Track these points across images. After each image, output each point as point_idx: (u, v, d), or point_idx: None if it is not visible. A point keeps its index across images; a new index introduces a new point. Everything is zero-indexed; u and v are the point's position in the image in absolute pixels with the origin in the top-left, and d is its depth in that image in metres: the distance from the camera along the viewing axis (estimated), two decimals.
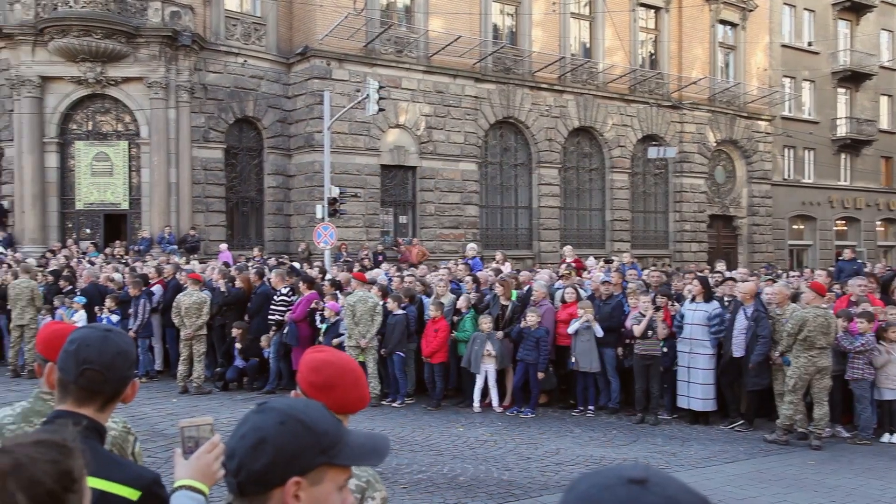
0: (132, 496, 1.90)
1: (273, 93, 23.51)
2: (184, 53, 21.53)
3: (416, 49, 24.51)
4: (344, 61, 23.22)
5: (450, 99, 24.98)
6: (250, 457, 1.43)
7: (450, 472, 7.80)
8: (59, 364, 2.02)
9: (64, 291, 13.84)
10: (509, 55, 26.47)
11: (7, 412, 2.69)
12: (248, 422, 1.48)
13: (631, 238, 29.36)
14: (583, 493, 1.03)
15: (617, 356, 11.04)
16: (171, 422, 9.71)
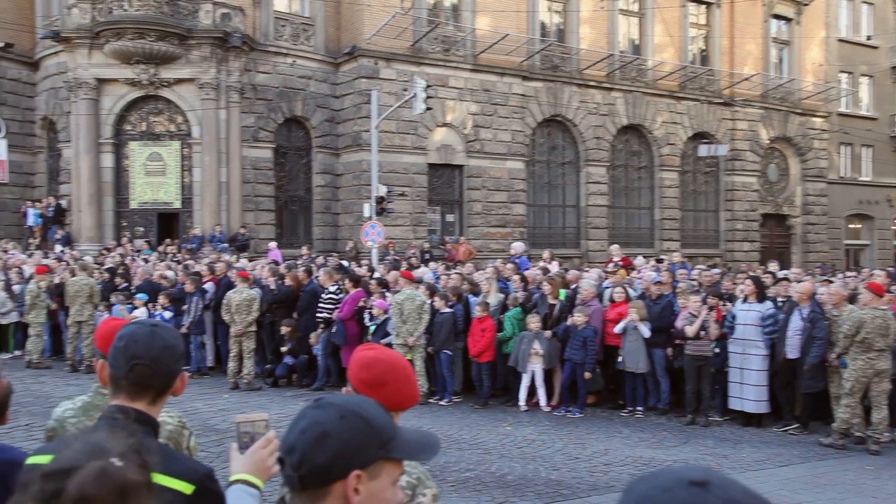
0: (186, 490, 1.92)
1: (321, 92, 23.72)
2: (234, 54, 21.85)
3: (463, 47, 24.50)
4: (391, 60, 23.32)
5: (497, 97, 24.92)
6: (312, 451, 1.44)
7: (497, 471, 7.77)
8: (109, 360, 2.06)
9: (119, 288, 14.14)
10: (557, 53, 26.29)
11: (68, 406, 2.75)
12: (308, 417, 1.49)
13: (680, 237, 28.96)
14: (642, 495, 1.00)
15: (666, 356, 10.89)
16: (223, 417, 9.86)
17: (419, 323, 11.23)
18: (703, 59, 29.85)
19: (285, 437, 1.50)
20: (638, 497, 1.01)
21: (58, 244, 20.75)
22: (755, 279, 10.91)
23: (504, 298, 11.95)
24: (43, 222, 22.36)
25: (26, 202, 23.12)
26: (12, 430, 8.38)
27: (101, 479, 1.26)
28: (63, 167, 22.67)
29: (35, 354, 13.67)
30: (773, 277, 12.33)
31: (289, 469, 1.47)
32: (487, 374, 11.41)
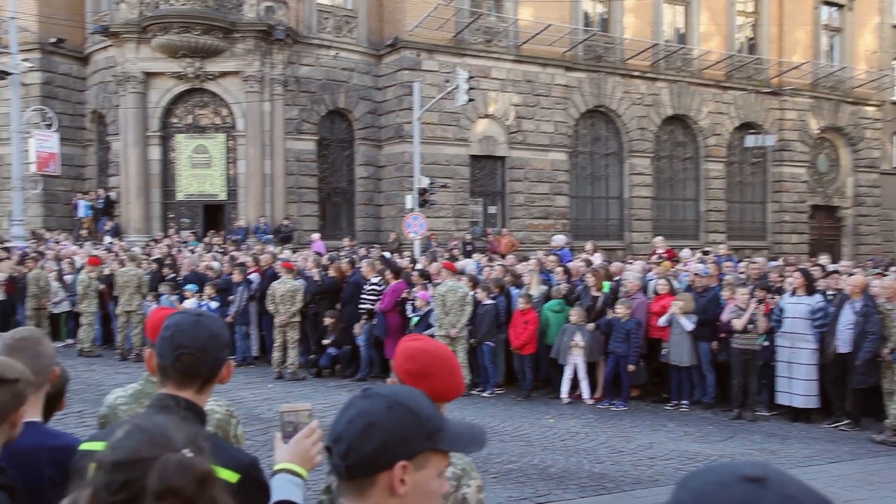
0: (232, 479, 1.93)
1: (364, 84, 23.80)
2: (278, 47, 22.02)
3: (505, 38, 24.38)
4: (433, 52, 23.30)
5: (539, 88, 24.76)
6: (359, 441, 1.45)
7: (540, 463, 7.74)
8: (156, 350, 2.09)
9: (167, 279, 14.38)
10: (600, 43, 26.02)
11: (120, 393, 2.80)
12: (355, 407, 1.49)
13: (726, 229, 28.50)
14: (697, 490, 0.97)
15: (711, 350, 10.73)
16: (268, 406, 9.98)
17: (461, 314, 11.22)
18: (750, 47, 29.27)
19: (332, 427, 1.50)
20: (692, 492, 0.98)
21: (107, 235, 21.17)
22: (804, 272, 10.70)
23: (547, 290, 11.89)
24: (93, 214, 22.84)
25: (77, 194, 23.63)
26: (65, 416, 8.57)
27: (183, 471, 1.28)
28: (112, 160, 23.11)
29: (86, 343, 13.98)
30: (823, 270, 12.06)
31: (336, 458, 1.47)
32: (530, 366, 11.37)
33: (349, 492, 1.49)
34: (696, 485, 0.98)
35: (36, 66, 22.76)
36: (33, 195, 21.86)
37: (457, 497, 2.11)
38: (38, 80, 23.20)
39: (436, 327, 11.33)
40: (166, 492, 1.26)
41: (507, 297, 11.90)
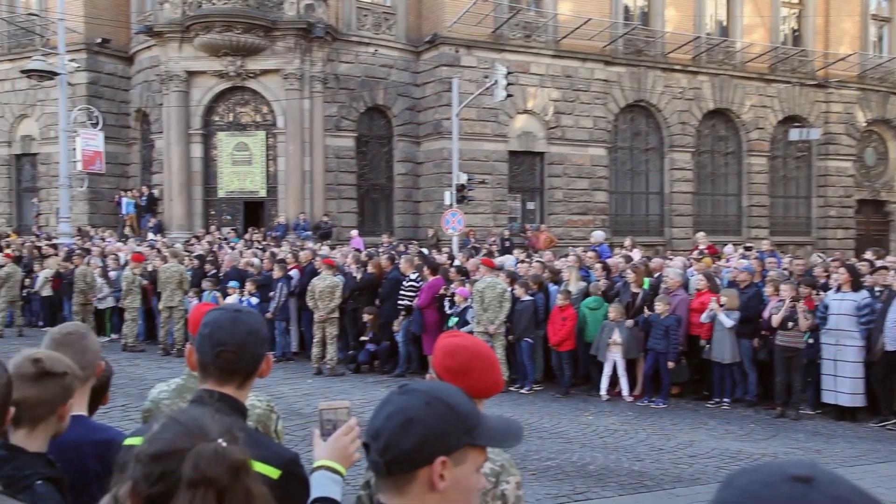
0: (273, 474, 1.95)
1: (402, 81, 23.86)
2: (317, 45, 22.18)
3: (544, 33, 24.26)
4: (472, 48, 23.28)
5: (579, 83, 24.61)
6: (398, 437, 1.45)
7: (579, 461, 7.70)
8: (196, 347, 2.10)
9: (209, 275, 14.57)
10: (641, 37, 25.75)
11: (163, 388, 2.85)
12: (393, 403, 1.50)
13: (770, 224, 28.06)
14: (742, 489, 0.96)
15: (753, 347, 10.57)
16: (307, 402, 10.06)
17: (500, 311, 11.20)
18: (795, 39, 28.74)
19: (371, 423, 1.50)
20: (738, 491, 0.96)
21: (150, 232, 21.53)
22: (849, 267, 10.48)
23: (585, 287, 11.81)
24: (136, 211, 23.24)
25: (120, 191, 24.07)
26: (109, 410, 8.74)
27: (217, 460, 1.31)
28: (155, 157, 23.49)
29: (130, 338, 14.24)
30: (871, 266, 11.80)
31: (374, 454, 1.48)
32: (568, 363, 11.31)
33: (388, 488, 1.49)
34: (741, 484, 0.97)
35: (82, 67, 23.22)
36: (79, 193, 22.32)
37: (495, 493, 2.11)
38: (85, 79, 23.68)
39: (474, 324, 11.32)
40: (200, 481, 1.29)
41: (546, 293, 11.85)
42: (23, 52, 23.98)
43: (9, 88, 25.16)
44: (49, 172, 24.08)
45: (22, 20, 24.50)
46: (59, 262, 16.35)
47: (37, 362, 2.15)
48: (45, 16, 23.72)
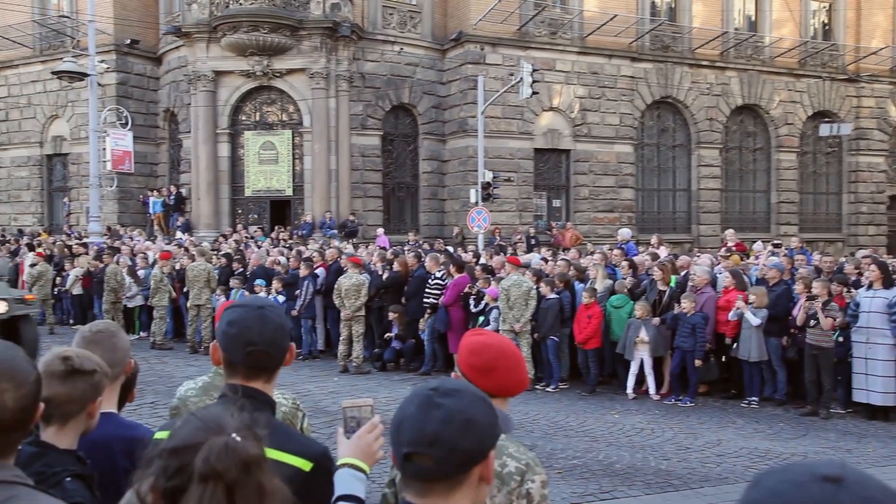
0: (305, 467, 1.97)
1: (428, 79, 23.89)
2: (343, 44, 22.27)
3: (570, 30, 24.16)
4: (497, 45, 23.24)
5: (605, 80, 24.48)
6: (461, 438, 1.46)
7: (605, 459, 7.67)
8: (222, 346, 2.08)
9: (236, 274, 14.69)
10: (667, 32, 25.56)
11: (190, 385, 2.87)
12: (442, 407, 1.48)
13: (799, 221, 27.73)
14: (771, 490, 0.95)
15: (781, 345, 10.45)
16: (333, 399, 10.11)
17: (526, 309, 11.18)
18: (825, 33, 28.36)
19: (419, 431, 1.47)
20: (767, 491, 0.95)
21: (178, 231, 21.74)
22: (881, 264, 10.31)
23: (611, 285, 11.75)
24: (164, 210, 23.48)
25: (148, 191, 24.34)
26: (138, 407, 8.86)
27: (227, 454, 1.32)
28: (183, 157, 23.73)
29: (158, 336, 14.40)
30: None
31: (427, 461, 1.46)
32: (594, 361, 11.26)
33: (434, 492, 1.49)
34: (770, 484, 0.96)
35: (112, 68, 23.49)
36: (109, 192, 22.61)
37: (520, 492, 2.10)
38: (114, 80, 23.96)
39: (499, 322, 11.30)
40: (209, 474, 1.30)
41: (572, 291, 11.80)
42: (54, 53, 24.34)
43: (40, 90, 25.54)
44: (79, 172, 24.42)
45: (53, 22, 24.86)
46: (89, 260, 16.57)
47: (66, 360, 2.17)
48: (75, 17, 24.06)
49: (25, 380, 1.68)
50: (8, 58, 25.97)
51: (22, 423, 1.69)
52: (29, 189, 26.46)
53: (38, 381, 1.73)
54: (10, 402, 1.63)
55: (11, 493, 1.61)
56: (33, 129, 26.00)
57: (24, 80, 26.00)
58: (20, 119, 26.23)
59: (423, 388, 1.55)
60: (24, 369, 1.69)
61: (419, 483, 1.50)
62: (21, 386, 1.66)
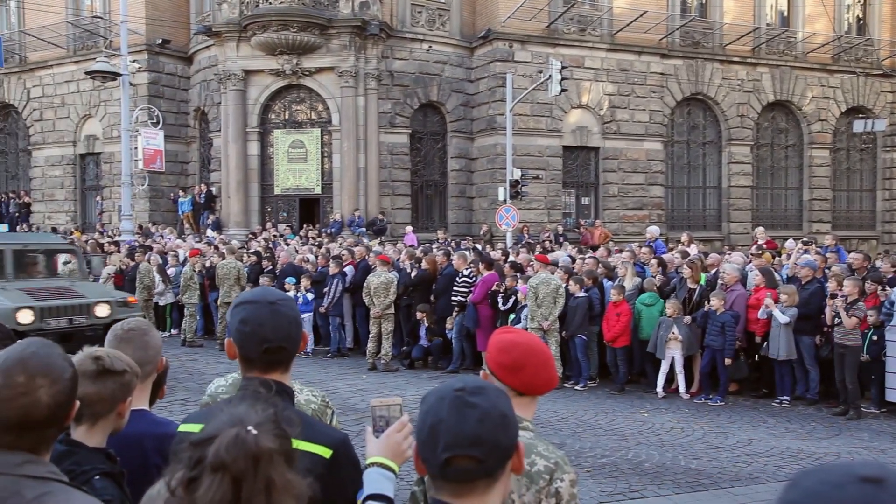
0: (325, 454, 1.99)
1: (456, 77, 23.87)
2: (372, 42, 22.32)
3: (599, 27, 24.02)
4: (526, 43, 23.17)
5: (634, 77, 24.30)
6: (501, 435, 1.49)
7: (634, 458, 7.63)
8: (237, 343, 2.09)
9: (265, 271, 14.80)
10: (698, 28, 25.31)
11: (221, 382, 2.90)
12: (476, 406, 1.50)
13: (832, 218, 27.34)
14: (810, 490, 0.94)
15: (815, 344, 10.30)
16: (361, 397, 10.16)
17: (554, 307, 11.15)
18: (859, 28, 27.91)
19: (457, 433, 1.48)
20: (804, 492, 0.94)
21: (209, 229, 21.94)
22: None
23: (640, 282, 11.68)
24: (194, 208, 23.72)
25: (179, 189, 24.60)
26: (169, 403, 8.97)
27: (235, 446, 1.34)
28: (213, 156, 23.93)
29: (189, 333, 14.55)
30: None
31: (470, 462, 1.47)
32: (623, 360, 11.20)
33: (475, 490, 1.50)
34: (808, 484, 0.95)
35: (143, 67, 23.78)
36: (140, 191, 22.87)
37: (549, 490, 2.09)
38: (146, 80, 24.23)
39: (528, 320, 11.28)
40: (218, 465, 1.32)
41: (601, 289, 11.75)
42: (87, 54, 24.66)
43: (74, 90, 25.91)
44: (111, 171, 24.73)
45: (87, 23, 25.20)
46: (121, 258, 16.77)
47: (97, 360, 2.20)
48: (108, 18, 24.37)
49: (61, 376, 1.70)
50: (42, 58, 26.39)
51: (57, 420, 1.71)
52: (62, 188, 26.87)
53: (74, 378, 1.76)
54: (45, 398, 1.66)
55: (46, 489, 1.64)
56: (67, 128, 26.40)
57: (57, 80, 26.41)
58: (54, 119, 26.64)
59: (446, 390, 1.55)
60: (59, 366, 1.72)
61: (457, 484, 1.50)
62: (56, 382, 1.68)
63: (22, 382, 1.64)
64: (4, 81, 27.49)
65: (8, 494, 1.60)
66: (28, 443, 1.67)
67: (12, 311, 9.74)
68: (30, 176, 27.67)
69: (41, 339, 1.81)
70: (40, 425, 1.67)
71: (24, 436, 1.66)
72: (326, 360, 13.22)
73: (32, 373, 1.66)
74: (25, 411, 1.64)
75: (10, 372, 1.65)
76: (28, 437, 1.66)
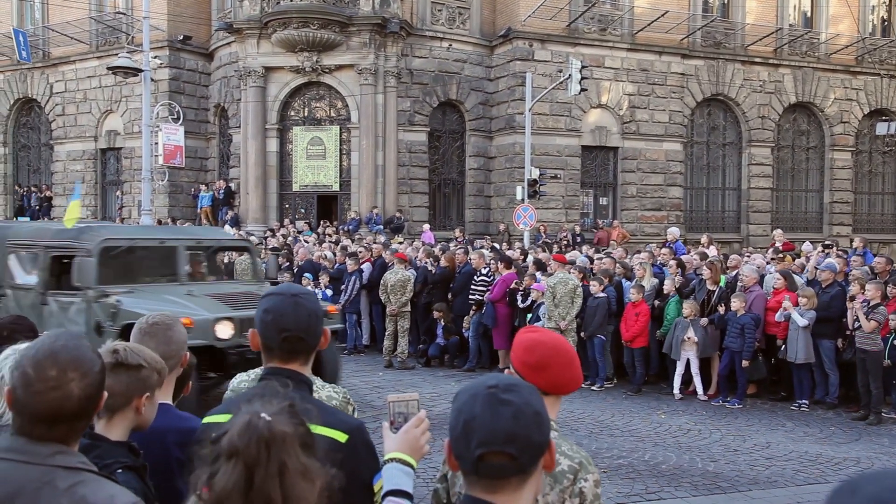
0: (341, 438, 2.02)
1: (476, 76, 23.85)
2: (392, 40, 22.34)
3: (620, 26, 23.92)
4: (546, 42, 23.11)
5: (655, 77, 24.19)
6: (535, 432, 1.50)
7: (651, 460, 7.60)
8: (260, 331, 2.18)
9: (282, 268, 14.84)
10: (720, 29, 25.15)
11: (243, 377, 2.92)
12: (510, 404, 1.50)
13: (853, 222, 27.09)
14: (874, 497, 0.90)
15: (836, 348, 10.21)
16: (378, 394, 10.18)
17: (572, 307, 11.12)
18: (884, 29, 27.65)
19: (492, 429, 1.48)
20: (869, 499, 0.90)
21: (227, 225, 22.04)
22: None
23: (658, 283, 11.62)
24: (213, 204, 23.83)
25: (199, 185, 24.73)
26: None
27: (246, 432, 1.36)
28: (233, 152, 24.04)
29: None
30: None
31: (504, 458, 1.48)
32: (640, 361, 11.15)
33: (507, 487, 1.50)
34: (871, 491, 0.91)
35: (165, 63, 23.90)
36: (160, 186, 23.00)
37: (573, 490, 2.09)
38: (167, 76, 24.36)
39: (545, 319, 11.25)
40: (232, 452, 1.34)
41: (619, 289, 11.70)
42: (109, 49, 24.83)
43: (96, 85, 26.11)
44: (132, 166, 24.89)
45: (109, 19, 25.38)
46: None
47: (114, 353, 2.22)
48: (130, 14, 24.54)
49: (91, 369, 1.73)
50: (65, 54, 26.62)
51: (86, 412, 1.74)
52: (84, 182, 27.06)
53: (103, 371, 1.78)
54: (77, 390, 1.68)
55: (78, 479, 1.67)
56: (88, 123, 26.61)
57: (80, 75, 26.62)
58: (76, 114, 26.87)
59: (479, 387, 1.55)
60: (89, 358, 1.74)
61: (490, 481, 1.51)
62: (86, 375, 1.71)
63: (54, 376, 1.66)
64: (28, 76, 27.75)
65: (41, 484, 1.63)
66: (59, 434, 1.69)
67: (211, 322, 7.94)
68: (52, 170, 27.92)
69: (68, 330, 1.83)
70: (71, 418, 1.70)
71: (56, 428, 1.68)
72: (343, 357, 13.25)
73: (64, 366, 1.68)
74: (58, 404, 1.66)
75: (41, 365, 1.67)
76: (59, 429, 1.69)
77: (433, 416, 1.64)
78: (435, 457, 1.66)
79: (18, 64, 26.45)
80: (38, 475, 1.64)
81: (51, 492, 1.62)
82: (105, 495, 1.67)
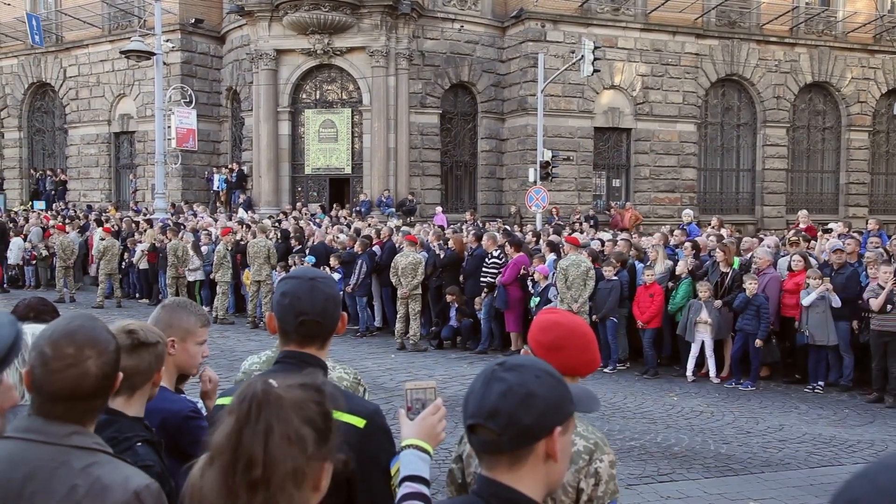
0: (359, 424, 2.04)
1: (488, 57, 23.73)
2: (403, 22, 22.23)
3: (633, 6, 23.71)
4: (558, 22, 22.95)
5: (668, 57, 23.99)
6: (520, 412, 1.48)
7: (664, 442, 7.60)
8: (277, 315, 2.18)
9: (294, 250, 14.90)
10: (734, 8, 24.88)
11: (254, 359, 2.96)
12: (504, 381, 1.51)
13: (869, 203, 26.87)
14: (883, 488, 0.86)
15: (852, 330, 10.14)
16: (391, 376, 10.22)
17: (584, 289, 11.09)
18: None
19: (480, 403, 1.51)
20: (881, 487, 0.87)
21: (240, 208, 22.11)
22: None
23: (671, 265, 11.58)
24: (227, 187, 23.91)
25: (212, 168, 24.80)
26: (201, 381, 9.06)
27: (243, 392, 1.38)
28: (245, 135, 24.07)
29: (221, 311, 14.69)
30: None
31: (489, 434, 1.49)
32: (652, 342, 11.12)
33: (500, 464, 1.52)
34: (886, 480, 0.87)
35: (177, 47, 23.90)
36: (173, 169, 23.07)
37: (588, 471, 2.11)
38: (179, 59, 24.39)
39: (557, 301, 11.23)
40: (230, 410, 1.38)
41: (632, 271, 11.67)
42: (122, 33, 24.87)
43: (109, 69, 26.17)
44: (145, 150, 24.98)
45: (121, 2, 25.37)
46: (154, 235, 16.97)
47: (132, 333, 2.26)
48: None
49: (107, 348, 1.75)
50: (78, 38, 26.66)
51: (103, 391, 1.76)
52: (97, 166, 27.21)
53: (118, 350, 1.81)
54: (94, 368, 1.71)
55: (94, 459, 1.69)
56: (102, 107, 26.69)
57: (93, 59, 26.69)
58: (89, 98, 26.95)
59: (491, 363, 1.58)
60: (104, 338, 1.77)
61: (485, 455, 1.54)
62: (103, 353, 1.74)
63: (71, 354, 1.69)
64: (41, 61, 27.83)
65: (57, 464, 1.65)
66: (76, 414, 1.71)
67: None
68: (66, 154, 28.06)
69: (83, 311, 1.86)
70: (88, 396, 1.72)
71: (74, 407, 1.71)
72: (356, 340, 13.31)
73: (81, 344, 1.71)
74: (76, 382, 1.69)
75: (58, 344, 1.70)
76: (77, 409, 1.71)
77: (446, 399, 1.65)
78: (449, 439, 1.66)
79: (32, 48, 26.54)
80: (54, 455, 1.66)
81: (66, 472, 1.65)
82: (120, 476, 1.69)
